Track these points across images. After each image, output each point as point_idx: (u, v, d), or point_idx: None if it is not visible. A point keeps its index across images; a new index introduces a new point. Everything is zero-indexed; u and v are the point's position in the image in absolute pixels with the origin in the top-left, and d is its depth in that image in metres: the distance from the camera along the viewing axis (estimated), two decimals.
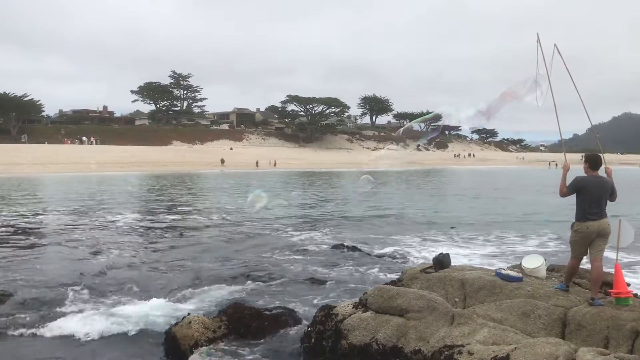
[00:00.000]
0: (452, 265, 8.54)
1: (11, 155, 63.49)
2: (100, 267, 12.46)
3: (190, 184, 46.20)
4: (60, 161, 62.54)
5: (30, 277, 11.37)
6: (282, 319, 7.97)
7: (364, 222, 21.14)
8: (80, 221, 20.53)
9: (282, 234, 17.98)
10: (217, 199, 31.26)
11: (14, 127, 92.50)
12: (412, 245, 15.90)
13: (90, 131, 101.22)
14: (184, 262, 13.16)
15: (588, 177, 6.96)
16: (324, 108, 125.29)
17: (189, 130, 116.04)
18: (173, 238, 16.95)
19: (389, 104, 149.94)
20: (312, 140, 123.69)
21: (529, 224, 20.40)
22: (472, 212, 24.99)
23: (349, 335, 6.58)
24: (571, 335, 6.23)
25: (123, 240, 16.36)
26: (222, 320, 7.54)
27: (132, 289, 10.59)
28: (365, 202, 29.99)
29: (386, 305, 6.73)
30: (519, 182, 52.17)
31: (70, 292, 10.21)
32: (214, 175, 58.02)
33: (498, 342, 5.77)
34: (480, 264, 12.05)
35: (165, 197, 32.39)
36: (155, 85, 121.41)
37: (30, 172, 53.48)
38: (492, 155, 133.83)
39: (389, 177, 57.45)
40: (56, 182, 43.69)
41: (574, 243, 7.04)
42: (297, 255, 14.34)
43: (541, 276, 7.94)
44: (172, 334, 7.24)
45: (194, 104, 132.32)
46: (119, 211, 23.97)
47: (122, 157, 70.41)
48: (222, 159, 78.69)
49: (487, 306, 6.85)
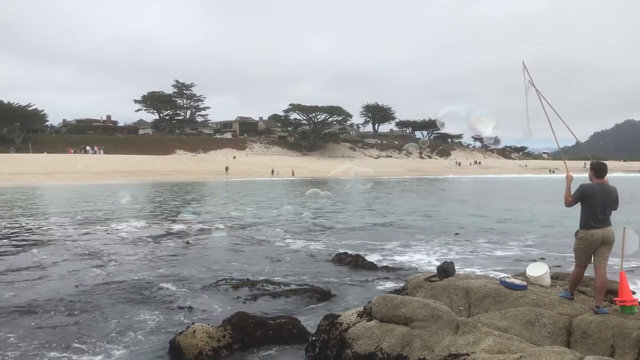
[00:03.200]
0: (456, 273, 8.53)
1: (14, 164, 63.71)
2: (102, 275, 12.48)
3: (195, 192, 46.26)
4: (64, 170, 62.73)
5: (32, 287, 11.40)
6: (286, 328, 7.96)
7: (367, 230, 21.12)
8: (83, 230, 20.56)
9: (286, 242, 17.97)
10: (221, 206, 31.29)
11: (18, 136, 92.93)
12: (415, 253, 15.87)
13: (94, 140, 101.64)
14: (188, 271, 13.16)
15: (593, 184, 6.96)
16: (327, 116, 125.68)
17: (192, 139, 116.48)
18: (177, 247, 16.95)
19: (391, 112, 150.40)
20: (314, 148, 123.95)
21: (534, 232, 20.35)
22: (476, 220, 24.95)
23: (354, 344, 6.57)
24: (576, 344, 6.21)
25: (125, 249, 16.37)
26: (226, 330, 7.53)
27: (135, 297, 10.59)
28: (368, 210, 30.00)
29: (390, 314, 6.72)
30: (526, 191, 52.09)
31: (71, 301, 10.23)
32: (220, 184, 58.10)
33: (503, 351, 5.75)
34: (485, 272, 12.03)
35: (169, 205, 32.45)
36: (159, 94, 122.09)
37: (34, 182, 53.62)
38: (495, 163, 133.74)
39: (392, 186, 57.50)
40: (61, 191, 43.80)
41: (578, 251, 7.04)
42: (300, 263, 14.32)
43: (546, 284, 7.93)
44: (176, 343, 7.23)
45: (197, 113, 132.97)
46: (123, 219, 24.01)
47: (125, 166, 70.64)
48: (226, 167, 79.01)
49: (491, 314, 6.84)
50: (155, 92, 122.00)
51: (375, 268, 13.62)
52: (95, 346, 7.99)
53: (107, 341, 8.17)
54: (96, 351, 7.82)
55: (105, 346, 7.96)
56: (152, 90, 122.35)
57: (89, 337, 8.35)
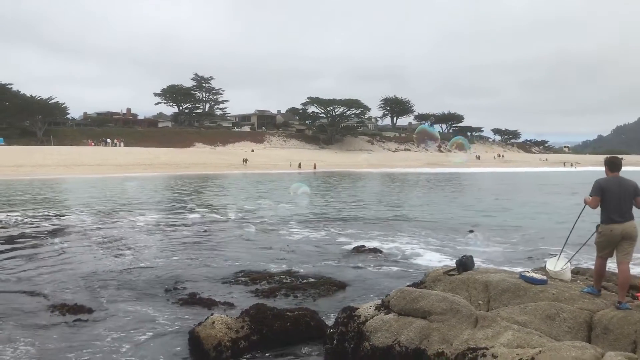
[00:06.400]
0: (475, 267, 8.47)
1: (37, 157, 64.65)
2: (122, 266, 12.65)
3: (213, 184, 46.54)
4: (85, 163, 63.51)
5: (57, 276, 11.59)
6: (304, 320, 7.98)
7: (384, 224, 21.07)
8: (103, 220, 20.82)
9: (303, 234, 18.01)
10: (238, 199, 31.45)
11: (40, 129, 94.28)
12: (433, 247, 15.81)
13: (114, 133, 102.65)
14: (207, 263, 13.27)
15: (609, 178, 6.92)
16: (345, 110, 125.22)
17: (210, 132, 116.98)
18: (195, 239, 17.09)
19: (409, 105, 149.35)
20: (332, 142, 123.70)
21: (553, 226, 20.13)
22: (494, 215, 24.76)
23: (372, 337, 6.57)
24: (597, 339, 6.13)
25: (146, 240, 16.55)
26: (244, 321, 7.58)
27: (155, 288, 10.71)
28: (387, 203, 29.93)
29: (409, 307, 6.71)
30: (549, 185, 51.54)
31: (93, 292, 10.38)
32: (238, 177, 58.38)
33: (522, 345, 5.70)
34: (503, 267, 11.94)
35: (188, 197, 32.69)
36: (178, 87, 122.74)
37: (55, 174, 54.37)
38: (515, 157, 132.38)
39: (410, 179, 57.27)
40: (82, 183, 44.37)
41: (598, 244, 6.97)
42: (318, 255, 14.35)
43: (566, 279, 7.83)
44: (195, 333, 7.30)
45: (215, 106, 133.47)
46: (141, 211, 24.26)
47: (145, 158, 71.26)
48: (245, 159, 79.40)
49: (511, 309, 6.78)
50: (174, 86, 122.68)
51: (393, 261, 13.60)
52: (115, 335, 8.10)
53: (127, 330, 8.29)
54: (116, 339, 7.94)
55: (125, 335, 8.08)
56: (172, 84, 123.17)
57: (109, 326, 8.48)
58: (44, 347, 7.60)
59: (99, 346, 7.66)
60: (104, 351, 7.49)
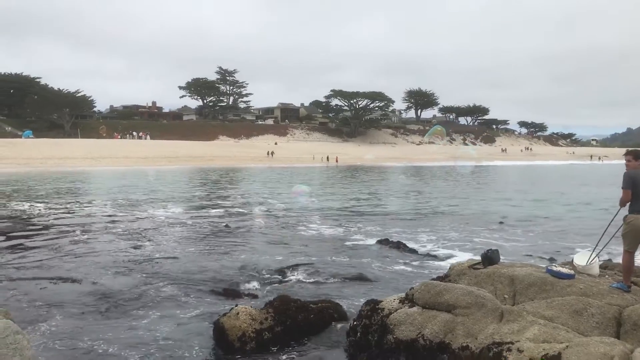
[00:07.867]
0: (501, 261, 8.38)
1: (65, 149, 65.77)
2: (148, 258, 12.82)
3: (238, 177, 46.83)
4: (111, 155, 64.40)
5: (87, 265, 11.81)
6: (327, 312, 8.00)
7: (408, 218, 20.98)
8: (129, 212, 21.10)
9: (326, 227, 18.03)
10: (263, 192, 31.60)
11: (67, 122, 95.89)
12: (458, 241, 15.68)
13: (140, 126, 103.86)
14: (231, 255, 13.37)
15: (637, 170, 6.86)
16: (368, 102, 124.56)
17: (234, 125, 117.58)
18: (220, 231, 17.22)
19: (434, 97, 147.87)
20: (355, 135, 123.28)
21: (582, 221, 19.81)
22: (520, 208, 24.46)
23: (395, 330, 6.54)
24: (626, 335, 6.02)
25: (170, 232, 16.74)
26: (268, 312, 7.62)
27: (180, 280, 10.83)
28: (410, 197, 29.77)
29: (433, 300, 6.66)
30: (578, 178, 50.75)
31: (119, 282, 10.54)
32: (263, 170, 58.64)
33: (549, 340, 5.62)
34: (530, 261, 11.79)
35: (213, 190, 32.96)
36: (203, 81, 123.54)
37: (83, 166, 55.26)
38: (542, 150, 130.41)
39: (433, 172, 56.85)
40: (110, 175, 45.04)
41: (625, 235, 6.91)
42: (342, 249, 14.36)
43: (594, 273, 7.70)
44: (220, 324, 7.36)
45: (239, 99, 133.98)
46: (166, 204, 24.53)
47: (170, 151, 71.94)
48: (271, 151, 79.62)
49: (537, 303, 6.69)
50: (199, 79, 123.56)
51: (416, 255, 13.54)
52: (141, 324, 8.23)
53: (153, 320, 8.40)
54: (142, 327, 8.06)
55: (151, 325, 8.19)
56: (197, 77, 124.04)
57: (135, 316, 8.61)
58: (79, 331, 7.77)
59: (124, 336, 7.79)
60: (128, 340, 7.61)
